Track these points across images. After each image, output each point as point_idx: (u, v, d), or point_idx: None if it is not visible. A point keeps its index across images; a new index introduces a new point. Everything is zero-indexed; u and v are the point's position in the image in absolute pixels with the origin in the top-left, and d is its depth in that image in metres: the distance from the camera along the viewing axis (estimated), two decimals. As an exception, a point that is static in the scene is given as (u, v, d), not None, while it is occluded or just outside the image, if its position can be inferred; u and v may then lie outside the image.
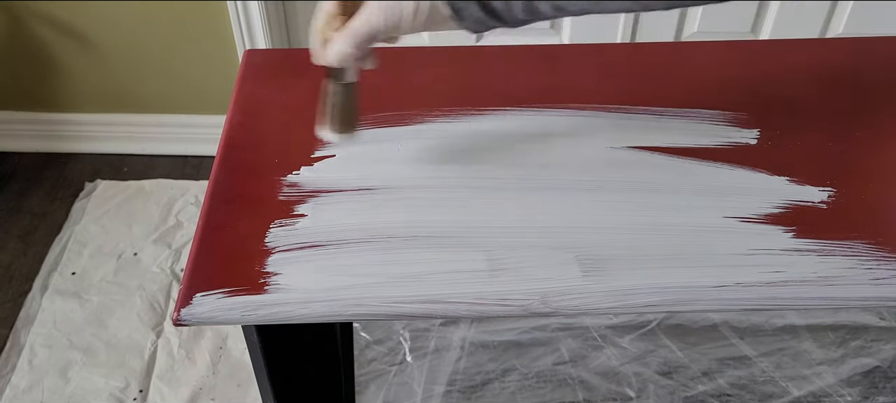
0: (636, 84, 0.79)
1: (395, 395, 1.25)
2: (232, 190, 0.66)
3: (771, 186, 0.67)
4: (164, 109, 1.72)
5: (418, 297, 0.57)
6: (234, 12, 1.51)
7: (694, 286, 0.58)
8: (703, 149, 0.71)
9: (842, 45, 0.92)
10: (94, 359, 1.32)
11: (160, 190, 1.67)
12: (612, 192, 0.66)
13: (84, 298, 1.43)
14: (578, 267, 0.59)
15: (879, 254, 0.61)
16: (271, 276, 0.58)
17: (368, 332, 1.33)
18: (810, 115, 0.76)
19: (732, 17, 1.51)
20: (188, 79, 1.65)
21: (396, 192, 0.66)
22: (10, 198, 1.65)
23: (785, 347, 1.31)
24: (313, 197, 0.65)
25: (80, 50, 1.61)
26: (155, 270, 1.48)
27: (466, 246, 0.61)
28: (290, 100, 0.76)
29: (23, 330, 1.37)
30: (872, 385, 1.27)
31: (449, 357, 1.29)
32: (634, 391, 1.25)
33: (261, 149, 0.70)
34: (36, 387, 1.28)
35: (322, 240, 0.61)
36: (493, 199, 0.65)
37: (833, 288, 0.58)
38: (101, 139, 1.76)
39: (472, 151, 0.71)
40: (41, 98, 1.70)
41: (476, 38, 1.57)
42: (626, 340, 1.32)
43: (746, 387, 1.26)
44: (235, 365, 1.32)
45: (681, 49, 0.86)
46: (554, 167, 0.69)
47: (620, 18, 1.52)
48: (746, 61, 0.83)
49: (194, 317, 0.56)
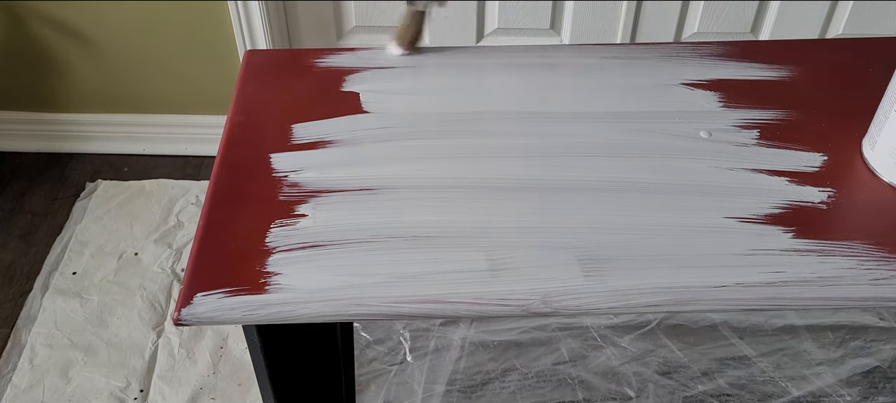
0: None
1: (396, 395, 1.25)
2: (232, 190, 0.66)
3: (771, 186, 0.67)
4: (165, 109, 1.72)
5: (418, 297, 0.57)
6: (234, 12, 1.51)
7: (694, 286, 0.58)
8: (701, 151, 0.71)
9: (842, 45, 0.92)
10: (95, 359, 1.33)
11: (161, 190, 1.67)
12: (612, 192, 0.66)
13: (85, 298, 1.43)
14: (578, 267, 0.59)
15: (879, 255, 0.61)
16: (272, 276, 0.58)
17: (368, 332, 1.33)
18: (811, 115, 0.76)
19: (732, 17, 1.51)
20: (189, 79, 1.65)
21: (396, 192, 0.66)
22: (11, 197, 1.66)
23: (785, 347, 1.31)
24: (314, 197, 0.65)
25: (80, 50, 1.61)
26: (156, 270, 1.48)
27: (466, 246, 0.61)
28: (290, 100, 0.76)
29: (24, 330, 1.38)
30: (872, 385, 1.27)
31: (449, 356, 1.29)
32: (634, 391, 1.25)
33: (261, 150, 0.70)
34: (37, 387, 1.29)
35: (322, 240, 0.61)
36: (493, 199, 0.65)
37: (833, 289, 0.59)
38: (102, 139, 1.76)
39: (472, 151, 0.71)
40: (42, 98, 1.70)
41: (476, 38, 1.57)
42: (626, 340, 1.32)
43: (746, 387, 1.26)
44: (236, 365, 1.32)
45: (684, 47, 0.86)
46: (554, 167, 0.69)
47: (620, 19, 1.52)
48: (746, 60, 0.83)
49: (195, 317, 0.56)
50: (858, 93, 0.78)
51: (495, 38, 1.58)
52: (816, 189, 0.67)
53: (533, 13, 1.53)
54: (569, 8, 1.52)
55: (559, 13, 1.54)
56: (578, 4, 1.51)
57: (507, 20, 1.54)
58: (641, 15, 1.52)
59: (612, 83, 0.80)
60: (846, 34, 1.52)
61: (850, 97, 0.78)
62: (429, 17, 0.79)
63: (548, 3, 1.51)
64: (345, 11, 1.56)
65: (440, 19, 1.54)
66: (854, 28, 1.51)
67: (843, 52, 0.86)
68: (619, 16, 1.52)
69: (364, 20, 1.56)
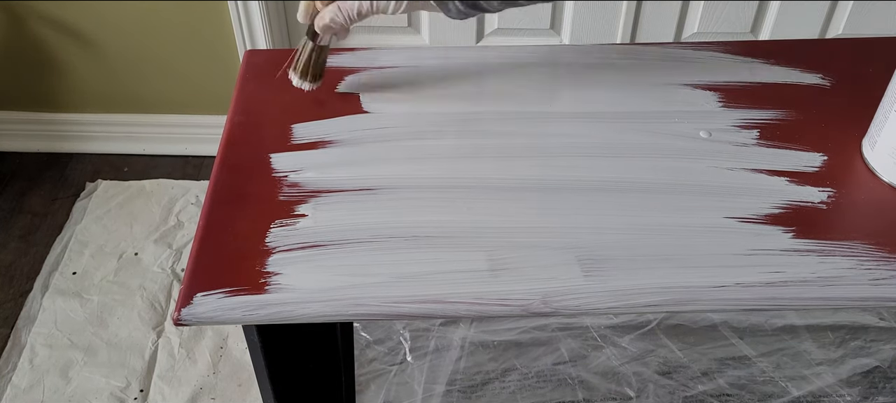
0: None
1: (396, 395, 1.25)
2: (232, 190, 0.66)
3: (771, 186, 0.67)
4: (165, 109, 1.72)
5: (418, 297, 0.57)
6: (234, 12, 1.51)
7: (694, 286, 0.58)
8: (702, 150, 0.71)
9: (842, 45, 0.92)
10: (95, 359, 1.33)
11: (161, 190, 1.67)
12: (612, 192, 0.66)
13: (85, 298, 1.43)
14: (578, 267, 0.59)
15: (879, 255, 0.61)
16: (272, 276, 0.58)
17: (368, 332, 1.33)
18: (810, 115, 0.76)
19: (732, 17, 1.51)
20: (189, 79, 1.65)
21: (396, 192, 0.66)
22: (11, 197, 1.66)
23: (784, 347, 1.31)
24: (314, 197, 0.65)
25: (80, 50, 1.61)
26: (156, 270, 1.48)
27: (466, 246, 0.61)
28: (290, 100, 0.76)
29: (24, 330, 1.38)
30: (872, 385, 1.27)
31: (449, 356, 1.29)
32: (634, 391, 1.25)
33: (261, 149, 0.70)
34: (37, 387, 1.29)
35: (322, 240, 0.61)
36: (493, 199, 0.65)
37: (833, 289, 0.59)
38: (102, 139, 1.76)
39: (472, 151, 0.71)
40: (42, 98, 1.70)
41: (475, 38, 1.57)
42: (626, 340, 1.32)
43: (746, 387, 1.26)
44: (236, 365, 1.32)
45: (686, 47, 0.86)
46: (554, 167, 0.69)
47: (620, 19, 1.52)
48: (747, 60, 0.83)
49: (195, 317, 0.56)
50: (858, 93, 0.78)
51: (495, 38, 1.58)
52: (816, 189, 0.67)
53: (533, 13, 1.53)
54: (569, 8, 1.52)
55: (559, 13, 1.54)
56: (578, 4, 1.50)
57: (507, 20, 1.54)
58: (641, 15, 1.52)
59: (611, 83, 0.80)
60: (846, 34, 1.52)
61: (850, 97, 0.78)
62: (325, 51, 0.74)
63: (548, 3, 1.51)
64: (345, 11, 1.56)
65: (440, 19, 1.54)
66: (854, 28, 1.51)
67: (842, 51, 0.86)
68: (619, 16, 1.52)
69: (364, 20, 1.56)
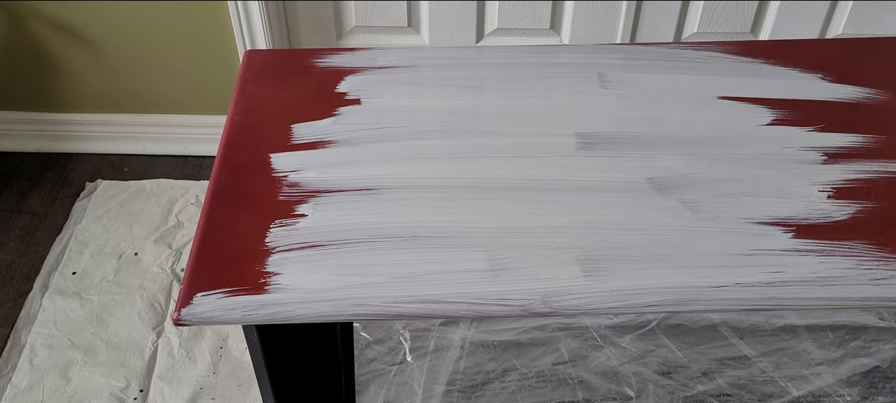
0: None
1: (396, 395, 1.25)
2: (232, 190, 0.66)
3: (771, 186, 0.67)
4: (165, 109, 1.72)
5: (418, 297, 0.57)
6: (234, 12, 1.51)
7: (694, 286, 0.58)
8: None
9: (842, 45, 0.92)
10: (95, 359, 1.33)
11: (161, 190, 1.67)
12: (612, 192, 0.66)
13: (85, 298, 1.43)
14: (578, 267, 0.59)
15: (879, 255, 0.61)
16: (272, 276, 0.58)
17: (368, 332, 1.33)
18: (810, 115, 0.76)
19: (732, 17, 1.51)
20: (189, 79, 1.65)
21: (396, 192, 0.66)
22: (10, 197, 1.66)
23: (784, 347, 1.31)
24: (314, 197, 0.65)
25: (80, 50, 1.61)
26: (155, 270, 1.48)
27: (466, 246, 0.61)
28: (290, 100, 0.76)
29: (23, 330, 1.38)
30: (872, 385, 1.27)
31: (449, 356, 1.29)
32: (634, 391, 1.25)
33: (261, 149, 0.70)
34: (37, 387, 1.29)
35: (322, 240, 0.61)
36: (493, 199, 0.65)
37: (833, 289, 0.59)
38: (101, 139, 1.76)
39: (472, 151, 0.71)
40: (42, 98, 1.70)
41: (476, 38, 1.57)
42: (626, 340, 1.32)
43: (746, 387, 1.26)
44: (236, 365, 1.32)
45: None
46: (554, 167, 0.69)
47: (620, 19, 1.52)
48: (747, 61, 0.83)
49: (195, 317, 0.56)
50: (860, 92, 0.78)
51: (495, 38, 1.58)
52: (816, 188, 0.67)
53: (533, 13, 1.53)
54: (569, 8, 1.52)
55: (559, 13, 1.54)
56: (578, 4, 1.51)
57: (507, 20, 1.54)
58: (641, 15, 1.52)
59: (611, 82, 0.80)
60: (846, 34, 1.52)
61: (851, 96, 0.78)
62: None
63: (548, 3, 1.51)
64: (345, 11, 1.56)
65: (440, 19, 1.54)
66: (854, 28, 1.51)
67: (842, 51, 0.86)
68: (619, 16, 1.52)
69: (364, 20, 1.56)
